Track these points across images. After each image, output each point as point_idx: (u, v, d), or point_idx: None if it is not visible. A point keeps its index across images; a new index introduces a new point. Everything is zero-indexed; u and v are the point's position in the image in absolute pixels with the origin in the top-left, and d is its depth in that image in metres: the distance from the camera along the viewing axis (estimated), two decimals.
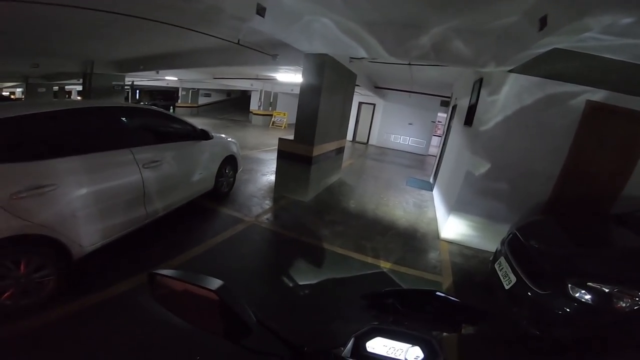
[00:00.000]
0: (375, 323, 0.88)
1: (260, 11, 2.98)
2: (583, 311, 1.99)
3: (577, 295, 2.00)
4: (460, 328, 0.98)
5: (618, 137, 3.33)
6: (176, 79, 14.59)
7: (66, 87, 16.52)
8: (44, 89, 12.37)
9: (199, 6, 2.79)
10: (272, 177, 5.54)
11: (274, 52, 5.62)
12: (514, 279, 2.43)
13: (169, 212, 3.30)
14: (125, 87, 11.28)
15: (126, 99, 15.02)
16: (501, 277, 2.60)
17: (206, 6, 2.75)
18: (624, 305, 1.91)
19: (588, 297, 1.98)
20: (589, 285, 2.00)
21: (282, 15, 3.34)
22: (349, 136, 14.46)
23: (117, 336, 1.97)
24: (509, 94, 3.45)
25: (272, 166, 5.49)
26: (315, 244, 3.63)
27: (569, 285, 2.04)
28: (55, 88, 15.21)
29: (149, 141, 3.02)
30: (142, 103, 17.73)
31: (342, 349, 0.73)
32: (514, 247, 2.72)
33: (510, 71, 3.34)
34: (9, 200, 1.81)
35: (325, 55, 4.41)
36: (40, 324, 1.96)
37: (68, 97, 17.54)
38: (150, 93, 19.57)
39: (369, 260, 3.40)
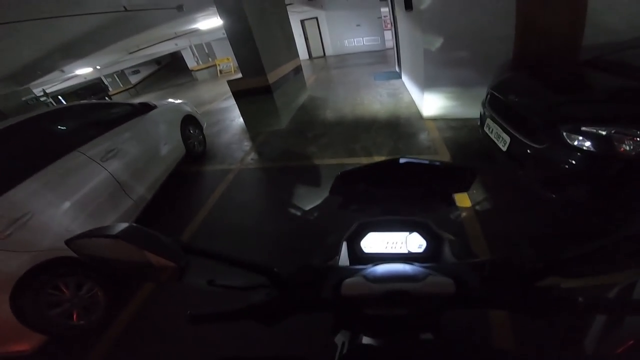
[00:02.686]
0: (364, 219, 0.77)
1: None
2: (588, 160, 1.82)
3: (575, 143, 1.84)
4: (452, 199, 0.85)
5: None
6: (90, 69, 12.74)
7: None
8: None
9: None
10: (241, 120, 5.28)
11: (177, 3, 4.80)
12: (507, 139, 2.29)
13: (157, 190, 3.21)
14: (41, 97, 9.92)
15: None
16: (495, 139, 2.47)
17: None
18: (628, 148, 1.71)
19: (587, 143, 1.81)
20: (584, 130, 1.83)
21: None
22: (304, 54, 14.04)
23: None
24: None
25: (237, 111, 5.17)
26: (307, 164, 3.59)
27: (564, 133, 1.88)
28: None
29: (92, 135, 2.82)
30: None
31: (337, 257, 0.66)
32: (495, 106, 2.61)
33: None
34: (2, 240, 1.80)
35: None
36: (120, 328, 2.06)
37: None
38: (76, 93, 17.37)
39: (363, 160, 3.41)
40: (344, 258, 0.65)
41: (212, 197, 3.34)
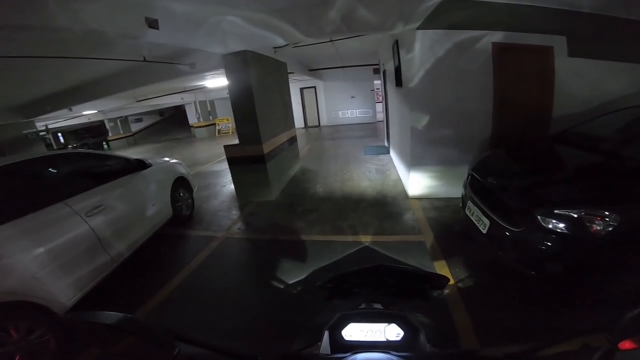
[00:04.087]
0: (346, 311, 0.85)
1: (153, 24, 2.72)
2: (564, 241, 1.88)
3: (550, 226, 1.91)
4: (431, 295, 0.98)
5: (529, 68, 3.62)
6: (95, 111, 13.17)
7: None
8: None
9: (76, 33, 2.43)
10: (232, 186, 5.34)
11: (190, 60, 5.23)
12: (487, 222, 2.33)
13: (136, 249, 3.14)
14: (41, 132, 9.94)
15: (49, 145, 13.30)
16: (475, 222, 2.52)
17: (85, 32, 2.41)
18: (598, 228, 1.78)
19: (561, 225, 1.88)
20: (557, 213, 1.90)
21: (181, 23, 3.11)
22: (300, 123, 14.59)
23: None
24: (423, 49, 3.62)
25: (230, 175, 5.28)
26: (294, 239, 3.57)
27: (539, 217, 1.95)
28: None
29: (82, 188, 2.80)
30: (69, 146, 15.89)
31: (319, 344, 0.70)
32: (475, 188, 2.71)
33: (418, 28, 3.53)
34: None
35: (246, 51, 4.23)
36: None
37: None
38: (76, 133, 17.56)
39: (350, 238, 3.42)
40: (325, 345, 0.68)
41: (192, 263, 3.24)
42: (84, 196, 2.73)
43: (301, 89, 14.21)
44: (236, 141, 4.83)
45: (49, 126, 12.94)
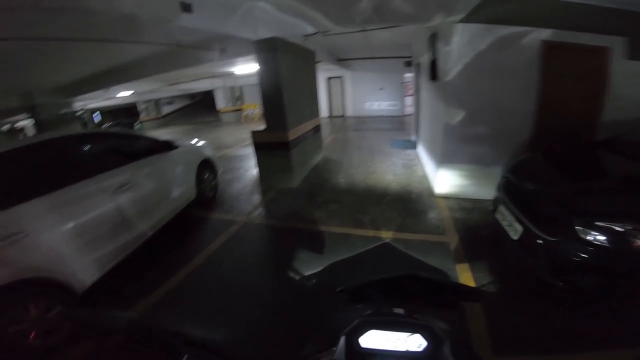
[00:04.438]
0: (368, 312, 0.81)
1: (186, 8, 2.72)
2: (601, 255, 1.78)
3: (588, 238, 1.80)
4: (462, 307, 0.92)
5: (581, 69, 3.34)
6: (130, 93, 13.76)
7: (17, 124, 15.33)
8: None
9: (111, 16, 2.46)
10: (256, 171, 5.39)
11: (221, 46, 5.27)
12: (520, 228, 2.22)
13: (158, 229, 3.20)
14: (78, 112, 10.51)
15: (85, 124, 14.14)
16: (506, 228, 2.39)
17: (119, 15, 2.44)
18: None
19: (602, 238, 1.76)
20: (598, 225, 1.78)
21: (214, 9, 3.10)
22: (325, 112, 14.51)
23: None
24: (462, 43, 3.47)
25: (253, 160, 5.33)
26: (313, 229, 3.53)
27: (577, 228, 1.83)
28: (5, 127, 14.08)
29: (111, 166, 2.86)
30: (104, 125, 16.82)
31: (334, 349, 0.66)
32: (510, 192, 2.54)
33: (459, 21, 3.33)
34: None
35: (275, 38, 4.22)
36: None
37: (22, 135, 16.47)
38: (110, 113, 18.58)
39: (370, 233, 3.32)
40: (340, 351, 0.65)
41: (210, 247, 3.27)
42: (112, 174, 2.78)
43: (328, 79, 14.07)
44: (262, 127, 4.85)
45: (86, 106, 13.73)
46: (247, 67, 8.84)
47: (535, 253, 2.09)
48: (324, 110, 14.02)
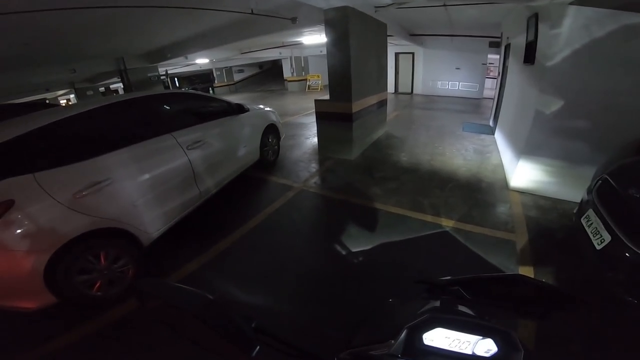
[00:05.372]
0: (437, 304, 0.76)
1: None
2: None
3: None
4: (548, 314, 0.79)
5: None
6: (207, 60, 14.77)
7: (111, 86, 17.78)
8: (91, 92, 13.36)
9: None
10: (316, 140, 5.43)
11: (292, 15, 5.29)
12: (607, 237, 1.98)
13: (221, 187, 3.38)
14: (161, 76, 11.73)
15: (167, 87, 15.80)
16: (590, 235, 2.14)
17: None
18: None
19: None
20: None
21: None
22: (391, 88, 13.66)
23: None
24: (574, 27, 2.94)
25: (314, 129, 5.37)
26: (367, 205, 3.44)
27: None
28: (102, 89, 16.42)
29: (187, 124, 3.03)
30: (183, 89, 18.56)
31: (393, 342, 0.61)
32: (605, 197, 2.21)
33: (571, 3, 2.78)
34: (73, 200, 1.93)
35: (346, 7, 4.08)
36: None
37: (115, 95, 19.14)
38: (189, 78, 20.39)
39: (429, 218, 3.11)
40: (399, 347, 0.62)
41: (266, 210, 3.42)
42: (188, 131, 2.94)
43: (396, 54, 13.23)
44: (326, 97, 4.78)
45: (168, 71, 15.24)
46: (315, 38, 8.78)
47: (617, 266, 1.92)
48: (390, 86, 13.27)
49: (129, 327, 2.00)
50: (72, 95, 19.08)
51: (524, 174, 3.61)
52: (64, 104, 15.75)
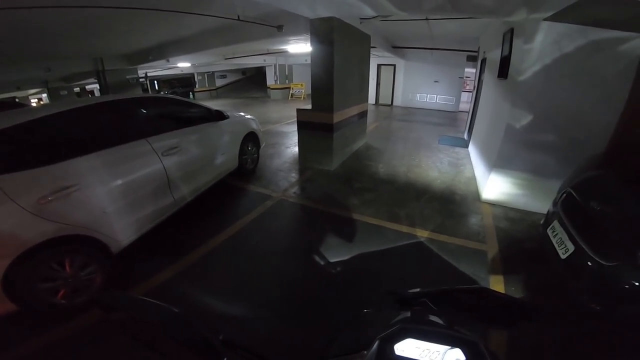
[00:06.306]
0: (407, 315, 0.76)
1: None
2: None
3: None
4: (514, 324, 0.84)
5: None
6: (189, 64, 14.55)
7: (87, 86, 17.08)
8: (65, 92, 12.74)
9: None
10: (297, 149, 5.44)
11: (278, 23, 5.34)
12: (571, 247, 2.10)
13: (197, 196, 3.31)
14: (140, 79, 11.39)
15: (145, 90, 15.39)
16: (555, 245, 2.26)
17: None
18: None
19: None
20: None
21: None
22: (371, 99, 14.05)
23: None
24: (546, 42, 3.09)
25: (296, 138, 5.38)
26: (345, 215, 3.48)
27: None
28: (77, 89, 15.69)
29: (164, 129, 2.95)
30: (161, 92, 18.09)
31: (365, 352, 0.62)
32: (569, 208, 2.34)
33: (546, 19, 2.93)
34: (37, 205, 1.83)
35: (332, 18, 4.15)
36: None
37: (91, 96, 18.40)
38: (169, 82, 19.92)
39: (404, 229, 3.19)
40: (371, 356, 0.62)
41: (244, 219, 3.38)
42: (164, 136, 2.86)
43: (379, 65, 13.62)
44: (308, 106, 4.82)
45: (148, 74, 14.86)
46: (300, 46, 8.88)
47: (581, 275, 2.02)
48: (371, 97, 13.54)
49: (91, 336, 1.90)
50: (44, 95, 18.13)
51: (495, 187, 3.77)
52: (34, 104, 14.89)
